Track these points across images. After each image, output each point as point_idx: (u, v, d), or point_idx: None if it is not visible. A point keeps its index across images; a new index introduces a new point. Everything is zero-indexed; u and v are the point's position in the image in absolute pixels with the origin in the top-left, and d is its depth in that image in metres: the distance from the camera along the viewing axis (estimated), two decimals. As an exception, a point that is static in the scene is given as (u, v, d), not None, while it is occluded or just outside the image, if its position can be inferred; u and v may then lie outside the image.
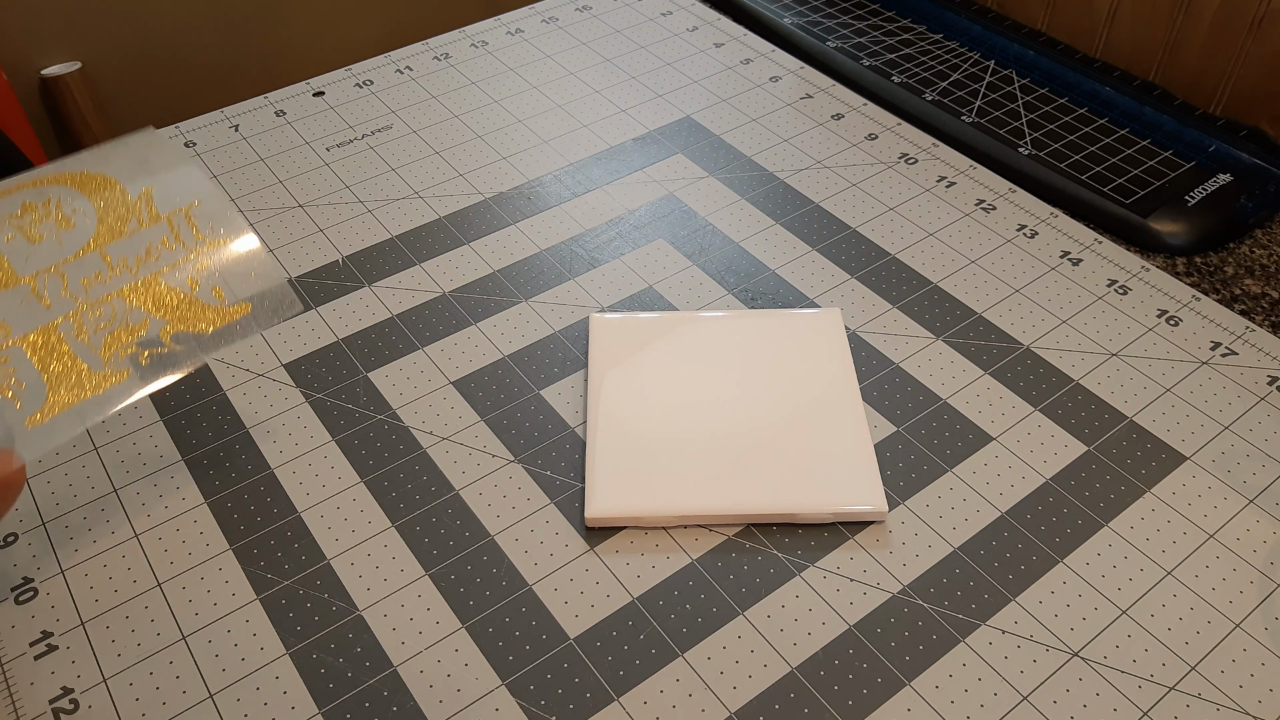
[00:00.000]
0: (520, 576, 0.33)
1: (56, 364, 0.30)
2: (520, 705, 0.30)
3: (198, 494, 0.36)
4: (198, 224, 0.33)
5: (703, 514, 0.34)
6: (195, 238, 0.33)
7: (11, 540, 0.34)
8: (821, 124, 0.52)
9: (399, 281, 0.44)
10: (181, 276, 0.32)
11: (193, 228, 0.33)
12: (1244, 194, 0.47)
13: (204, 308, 0.32)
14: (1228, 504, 0.35)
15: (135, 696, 0.30)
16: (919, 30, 0.61)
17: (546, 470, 0.36)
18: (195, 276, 0.33)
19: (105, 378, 0.31)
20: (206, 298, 0.32)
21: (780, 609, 0.32)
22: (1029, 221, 0.46)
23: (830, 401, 0.37)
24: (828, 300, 0.42)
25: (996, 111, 0.53)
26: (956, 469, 0.36)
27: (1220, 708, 0.30)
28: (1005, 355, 0.40)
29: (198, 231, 0.33)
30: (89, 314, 0.31)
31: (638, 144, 0.51)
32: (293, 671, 0.31)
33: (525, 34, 0.60)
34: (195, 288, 0.32)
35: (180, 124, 0.53)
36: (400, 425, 0.38)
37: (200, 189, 0.34)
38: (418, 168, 0.50)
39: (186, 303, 0.32)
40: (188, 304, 0.32)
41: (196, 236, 0.33)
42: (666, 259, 0.45)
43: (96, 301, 0.31)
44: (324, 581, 0.33)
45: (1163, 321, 0.41)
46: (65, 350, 0.30)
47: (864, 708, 0.30)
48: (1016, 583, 0.33)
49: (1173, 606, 0.32)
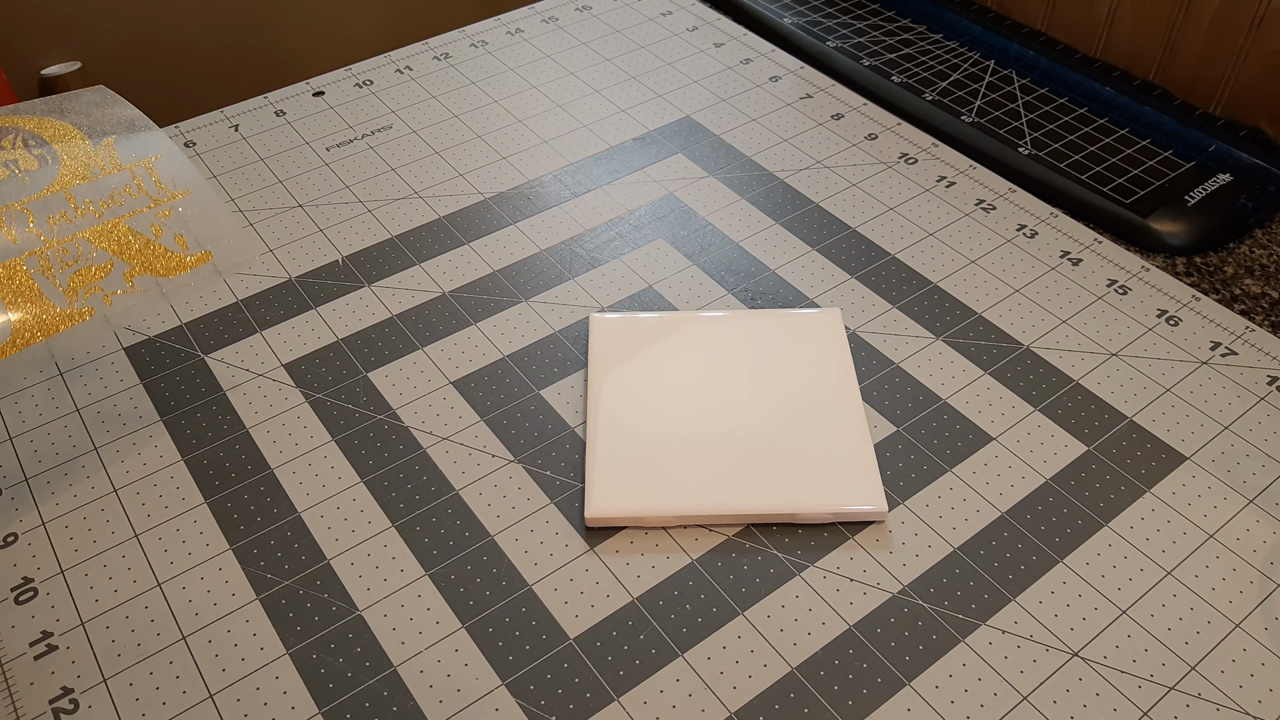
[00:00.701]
0: (520, 576, 0.33)
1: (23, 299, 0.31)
2: (520, 705, 0.30)
3: (198, 494, 0.36)
4: (159, 175, 0.34)
5: (703, 514, 0.34)
6: (157, 187, 0.34)
7: (11, 540, 0.34)
8: (821, 124, 0.52)
9: (399, 281, 0.44)
10: (144, 223, 0.33)
11: (154, 178, 0.34)
12: (1244, 194, 0.47)
13: (167, 253, 0.33)
14: (1228, 504, 0.35)
15: (135, 696, 0.30)
16: (919, 30, 0.61)
17: (546, 470, 0.36)
18: (158, 223, 0.33)
19: (70, 316, 0.31)
20: (169, 244, 0.33)
21: (780, 609, 0.32)
22: (1029, 221, 0.46)
23: (830, 401, 0.37)
24: (828, 300, 0.42)
25: (996, 111, 0.53)
26: (956, 469, 0.36)
27: (1220, 708, 0.30)
28: (1005, 355, 0.40)
29: (159, 182, 0.34)
30: (56, 253, 0.32)
31: (638, 144, 0.51)
32: (293, 671, 0.31)
33: (525, 34, 0.60)
34: (159, 234, 0.33)
35: (180, 124, 0.53)
36: (400, 425, 0.38)
37: (159, 145, 0.34)
38: (418, 168, 0.50)
39: (149, 248, 0.33)
40: (150, 249, 0.33)
41: (158, 186, 0.34)
42: (666, 259, 0.45)
43: (63, 241, 0.32)
44: (324, 581, 0.33)
45: (1163, 321, 0.41)
46: (32, 286, 0.31)
47: (864, 708, 0.30)
48: (1016, 583, 0.33)
49: (1173, 606, 0.32)
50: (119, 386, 0.39)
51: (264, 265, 0.45)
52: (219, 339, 0.41)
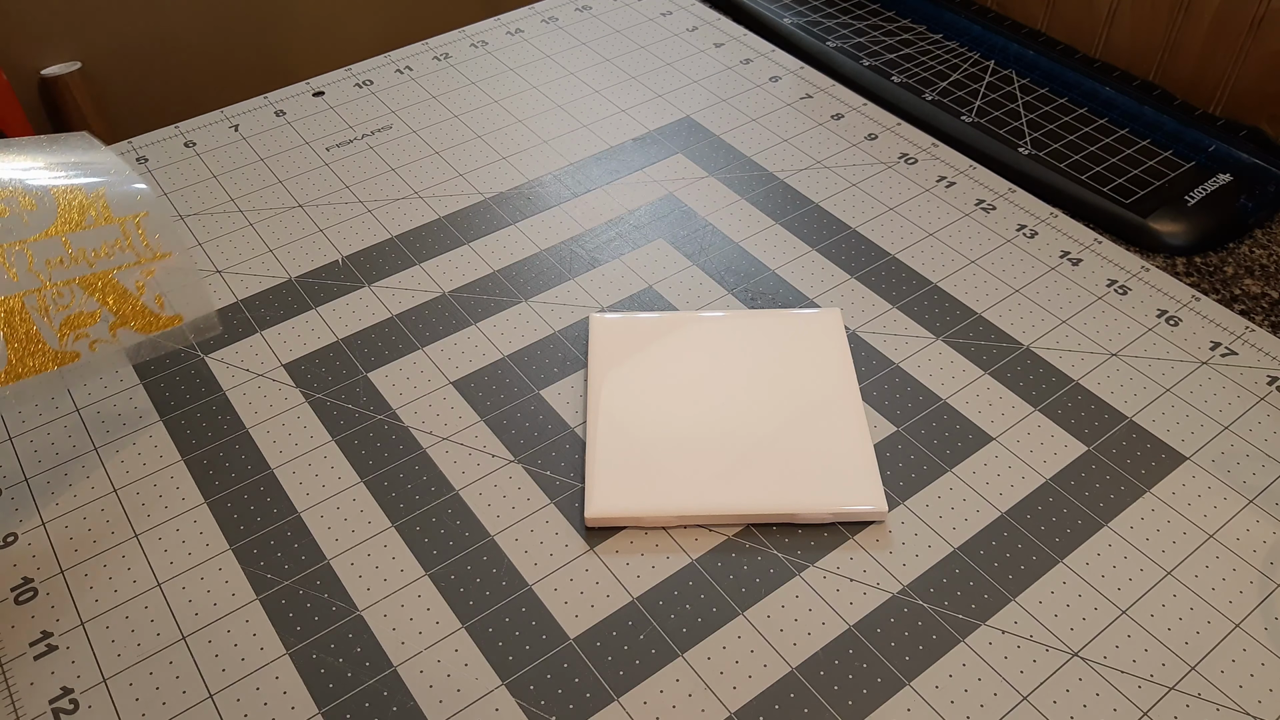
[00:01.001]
0: (520, 576, 0.33)
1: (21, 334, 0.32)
2: (520, 705, 0.30)
3: (198, 494, 0.36)
4: (146, 233, 0.35)
5: (703, 514, 0.34)
6: (144, 245, 0.35)
7: (11, 540, 0.34)
8: (821, 124, 0.52)
9: (399, 281, 0.44)
10: (131, 279, 0.34)
11: (142, 235, 0.35)
12: (1244, 194, 0.47)
13: (147, 312, 0.35)
14: (1228, 504, 0.35)
15: (135, 696, 0.30)
16: (919, 30, 0.61)
17: (546, 470, 0.36)
18: (142, 281, 0.35)
19: (60, 357, 0.33)
20: (150, 303, 0.35)
21: (780, 609, 0.32)
22: (1029, 221, 0.46)
23: (830, 401, 0.37)
24: (828, 300, 0.42)
25: (996, 111, 0.53)
26: (956, 469, 0.36)
27: (1220, 708, 0.30)
28: (1005, 355, 0.40)
29: (146, 240, 0.35)
30: (53, 294, 0.33)
31: (638, 144, 0.51)
32: (293, 671, 0.31)
33: (525, 34, 0.60)
34: (142, 292, 0.35)
35: (180, 124, 0.53)
36: (400, 425, 0.38)
37: (147, 201, 0.35)
38: (418, 168, 0.50)
39: (133, 304, 0.34)
40: (133, 304, 0.34)
41: (145, 244, 0.35)
42: (666, 259, 0.45)
43: (59, 284, 0.33)
44: (324, 581, 0.33)
45: (1163, 321, 0.41)
46: (30, 324, 0.32)
47: (864, 708, 0.30)
48: (1016, 583, 0.33)
49: (1173, 606, 0.32)
50: (119, 386, 0.39)
51: (264, 265, 0.45)
52: (219, 339, 0.41)
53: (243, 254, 0.45)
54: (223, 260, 0.45)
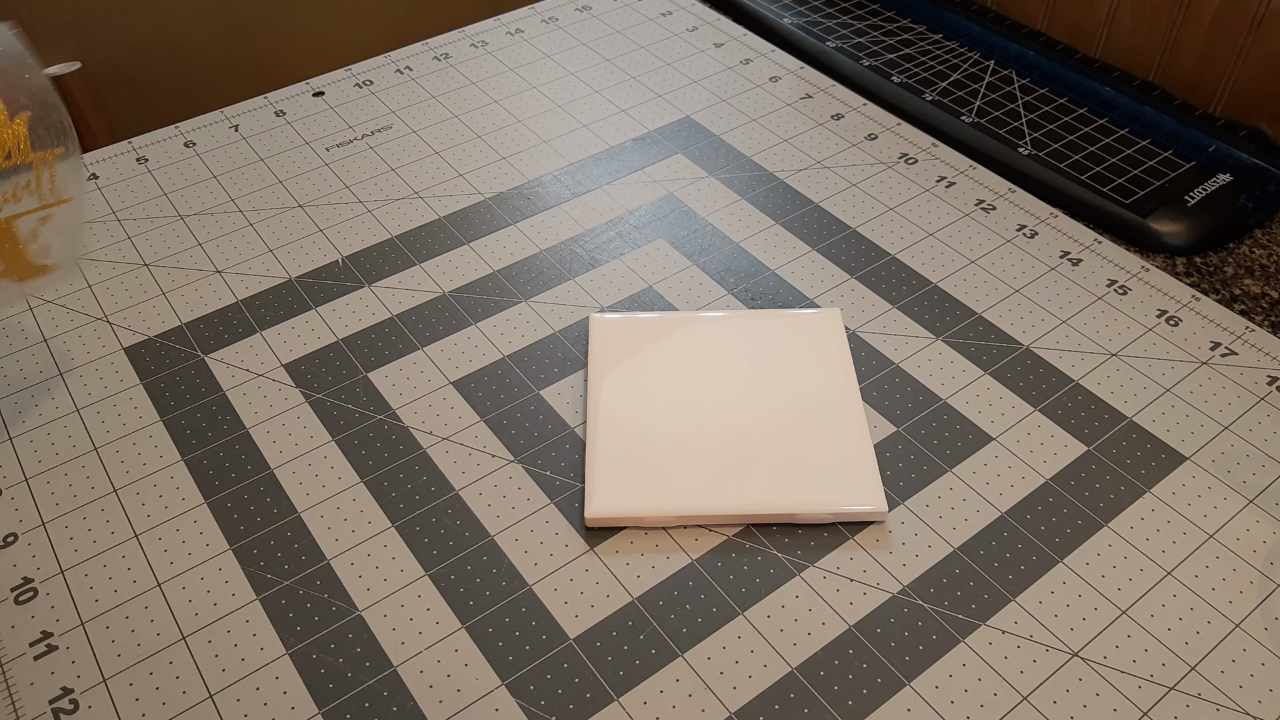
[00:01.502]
0: (520, 576, 0.33)
1: None
2: (520, 705, 0.30)
3: (198, 494, 0.36)
4: (55, 172, 0.34)
5: (703, 514, 0.34)
6: (50, 188, 0.34)
7: (11, 540, 0.34)
8: (821, 124, 0.52)
9: (399, 281, 0.44)
10: (28, 225, 0.33)
11: (50, 175, 0.33)
12: (1244, 194, 0.47)
13: (26, 262, 0.34)
14: (1228, 504, 0.35)
15: (135, 696, 0.30)
16: (919, 30, 0.61)
17: (546, 470, 0.36)
18: (36, 229, 0.34)
19: None
20: (35, 251, 0.34)
21: (780, 609, 0.32)
22: (1029, 221, 0.46)
23: (830, 401, 0.37)
24: (828, 300, 0.42)
25: (996, 111, 0.53)
26: (956, 469, 0.36)
27: (1220, 708, 0.30)
28: (1005, 355, 0.40)
29: (54, 182, 0.34)
30: None
31: (637, 144, 0.51)
32: (293, 671, 0.31)
33: (525, 34, 0.60)
34: (34, 240, 0.34)
35: (180, 124, 0.53)
36: (400, 425, 0.38)
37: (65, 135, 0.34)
38: (418, 168, 0.50)
39: (19, 253, 0.34)
40: (18, 253, 0.34)
41: (51, 187, 0.34)
42: (666, 259, 0.45)
43: None
44: (324, 581, 0.33)
45: (1162, 321, 0.41)
46: None
47: (864, 708, 0.30)
48: (1016, 583, 0.33)
49: (1173, 606, 0.32)
50: (119, 386, 0.39)
51: (264, 265, 0.45)
52: (219, 339, 0.41)
53: (243, 254, 0.45)
54: (223, 260, 0.45)
